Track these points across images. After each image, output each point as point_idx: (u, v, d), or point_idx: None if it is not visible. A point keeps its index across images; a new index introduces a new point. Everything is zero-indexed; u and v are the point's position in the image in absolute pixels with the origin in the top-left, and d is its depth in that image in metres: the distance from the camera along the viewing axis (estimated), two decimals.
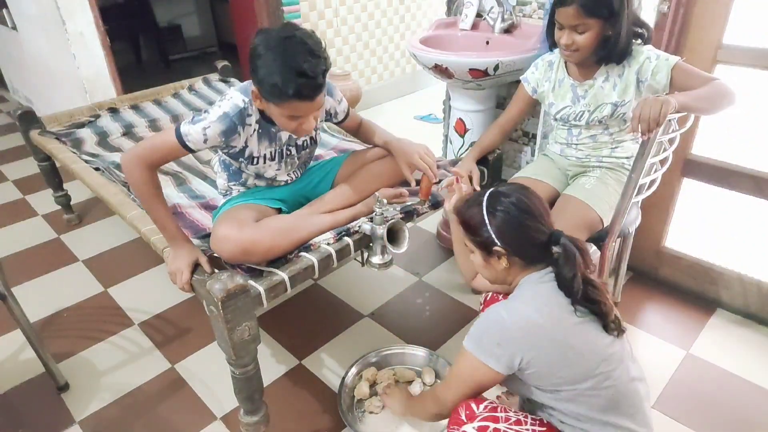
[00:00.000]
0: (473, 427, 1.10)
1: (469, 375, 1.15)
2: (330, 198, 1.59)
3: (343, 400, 1.64)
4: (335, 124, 1.64)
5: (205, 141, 1.33)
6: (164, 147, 1.35)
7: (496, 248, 1.14)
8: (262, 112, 1.40)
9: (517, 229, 1.13)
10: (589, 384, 1.07)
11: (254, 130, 1.41)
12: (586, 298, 1.09)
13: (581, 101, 1.63)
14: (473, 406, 1.14)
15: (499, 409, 1.13)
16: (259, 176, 1.55)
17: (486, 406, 1.14)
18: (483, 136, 1.87)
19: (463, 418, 1.13)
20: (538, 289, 1.13)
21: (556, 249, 1.13)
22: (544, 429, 1.12)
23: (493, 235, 1.14)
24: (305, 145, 1.58)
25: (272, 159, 1.50)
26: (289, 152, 1.54)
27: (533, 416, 1.15)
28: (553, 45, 1.62)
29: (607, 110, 1.58)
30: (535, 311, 1.09)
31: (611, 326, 1.11)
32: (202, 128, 1.32)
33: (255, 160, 1.47)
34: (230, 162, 1.53)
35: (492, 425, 1.10)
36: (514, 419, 1.11)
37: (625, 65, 1.54)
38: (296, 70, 1.19)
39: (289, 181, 1.61)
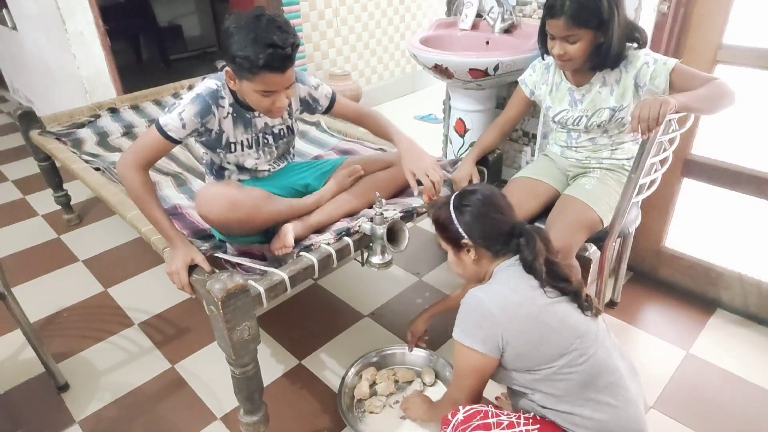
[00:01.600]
0: None
1: (465, 366, 1.19)
2: (321, 210, 1.59)
3: (343, 400, 1.64)
4: (324, 114, 1.65)
5: (184, 126, 1.37)
6: (150, 144, 1.39)
7: (463, 241, 1.22)
8: (236, 97, 1.45)
9: (482, 221, 1.21)
10: (563, 361, 1.11)
11: (228, 113, 1.45)
12: (553, 278, 1.16)
13: (579, 106, 1.63)
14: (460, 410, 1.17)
15: (490, 414, 1.14)
16: (240, 168, 1.57)
17: (472, 414, 1.15)
18: (482, 136, 1.87)
19: (451, 429, 1.15)
20: (510, 272, 1.19)
21: (520, 240, 1.20)
22: (538, 427, 1.13)
23: (460, 229, 1.21)
24: (282, 134, 1.61)
25: (249, 147, 1.54)
26: (266, 141, 1.57)
27: (526, 415, 1.17)
28: (545, 53, 1.61)
29: (605, 115, 1.58)
30: (509, 290, 1.16)
31: (585, 305, 1.16)
32: (177, 114, 1.36)
33: (233, 146, 1.51)
34: (212, 160, 1.56)
35: None
36: (506, 422, 1.13)
37: (622, 70, 1.53)
38: (266, 42, 1.26)
39: (271, 170, 1.63)
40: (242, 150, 1.53)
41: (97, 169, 2.11)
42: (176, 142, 1.39)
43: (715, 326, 1.97)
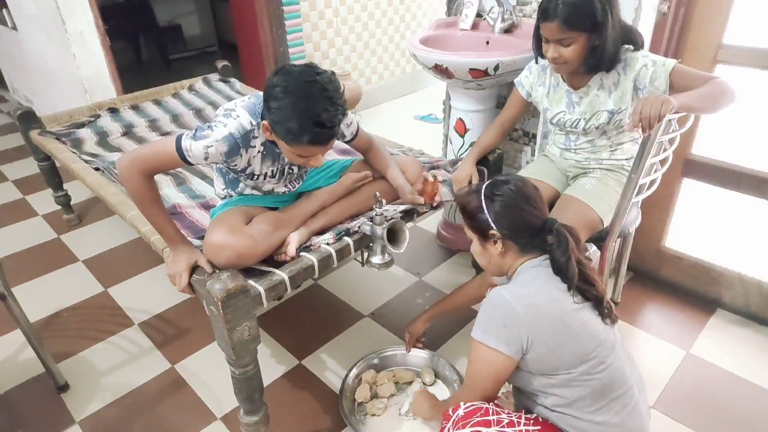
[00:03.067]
0: None
1: (484, 367, 1.15)
2: (324, 214, 1.57)
3: (344, 404, 1.63)
4: (341, 141, 1.59)
5: (206, 158, 1.31)
6: (163, 157, 1.32)
7: (491, 232, 1.18)
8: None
9: (513, 212, 1.17)
10: (584, 368, 1.10)
11: (258, 151, 1.39)
12: (581, 281, 1.13)
13: (576, 108, 1.62)
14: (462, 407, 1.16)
15: (491, 412, 1.13)
16: (256, 188, 1.55)
17: (473, 410, 1.15)
18: (482, 136, 1.87)
19: (451, 424, 1.14)
20: (536, 272, 1.16)
21: (549, 237, 1.17)
22: (539, 428, 1.13)
23: (489, 219, 1.18)
24: None
25: (273, 176, 1.49)
26: (291, 171, 1.53)
27: (527, 415, 1.16)
28: (540, 57, 1.61)
29: (603, 118, 1.58)
30: (535, 291, 1.13)
31: (605, 312, 1.14)
32: (204, 146, 1.29)
33: (255, 177, 1.46)
34: (228, 170, 1.53)
35: (484, 430, 1.10)
36: (506, 421, 1.12)
37: (620, 73, 1.53)
38: (314, 119, 1.19)
39: (286, 192, 1.60)
40: (264, 179, 1.48)
41: (97, 169, 2.11)
42: (191, 164, 1.35)
43: (715, 326, 1.97)
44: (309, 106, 1.19)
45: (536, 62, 1.70)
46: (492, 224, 1.18)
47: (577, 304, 1.12)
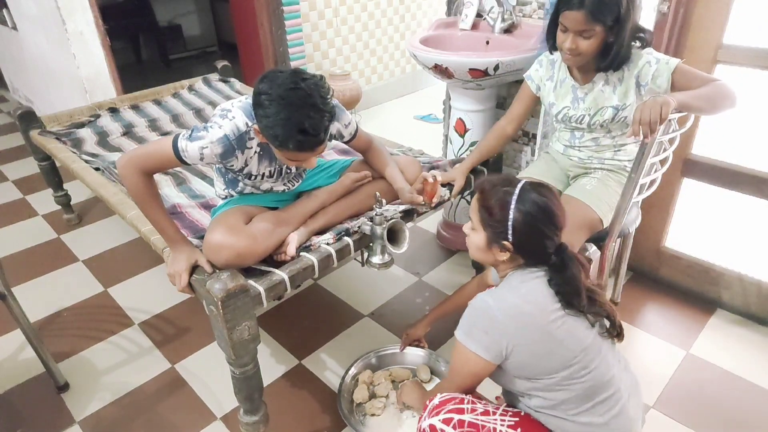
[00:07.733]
0: (439, 420, 1.14)
1: (463, 366, 1.18)
2: (323, 214, 1.57)
3: (343, 405, 1.63)
4: (340, 141, 1.60)
5: (202, 159, 1.32)
6: (161, 156, 1.33)
7: (504, 242, 1.13)
8: None
9: (535, 233, 1.12)
10: (566, 373, 1.10)
11: (255, 152, 1.40)
12: (592, 306, 1.12)
13: (581, 104, 1.62)
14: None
15: (465, 401, 1.16)
16: (254, 187, 1.55)
17: (448, 399, 1.18)
18: (482, 142, 1.83)
19: (427, 413, 1.18)
20: (525, 279, 1.15)
21: (556, 259, 1.14)
22: (516, 420, 1.14)
23: (510, 229, 1.12)
24: None
25: (270, 176, 1.50)
26: (288, 171, 1.54)
27: (506, 407, 1.17)
28: (553, 48, 1.60)
29: (608, 114, 1.58)
30: (521, 299, 1.11)
31: (615, 332, 1.15)
32: (199, 147, 1.29)
33: (253, 177, 1.47)
34: (227, 170, 1.53)
35: (456, 417, 1.12)
36: (481, 410, 1.14)
37: (625, 69, 1.53)
38: (298, 127, 1.19)
39: (285, 191, 1.60)
40: (262, 179, 1.49)
41: (97, 169, 2.11)
42: (188, 164, 1.36)
43: (715, 326, 1.97)
44: (292, 114, 1.19)
45: (550, 53, 1.67)
46: (509, 235, 1.12)
47: (565, 310, 1.10)
